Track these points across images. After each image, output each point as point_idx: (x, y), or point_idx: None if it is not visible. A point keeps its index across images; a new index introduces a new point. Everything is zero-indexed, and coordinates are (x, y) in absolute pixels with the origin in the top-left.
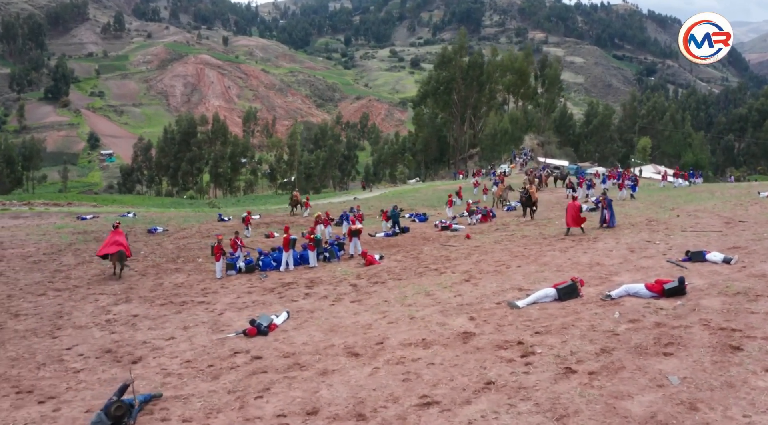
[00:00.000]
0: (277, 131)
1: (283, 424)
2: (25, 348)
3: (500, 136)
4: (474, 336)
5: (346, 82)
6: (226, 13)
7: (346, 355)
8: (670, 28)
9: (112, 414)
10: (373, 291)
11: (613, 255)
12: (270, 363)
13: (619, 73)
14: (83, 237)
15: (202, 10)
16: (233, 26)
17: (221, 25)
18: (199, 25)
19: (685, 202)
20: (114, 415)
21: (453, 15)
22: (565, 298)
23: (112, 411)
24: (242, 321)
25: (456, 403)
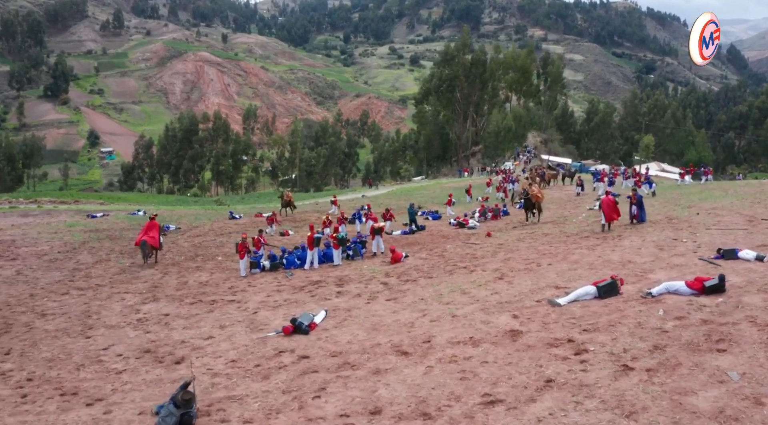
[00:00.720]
0: (277, 129)
1: (348, 424)
2: (60, 348)
3: (504, 134)
4: (522, 334)
5: (346, 80)
6: (225, 11)
7: (396, 354)
8: (669, 25)
9: (181, 401)
10: (406, 290)
11: (643, 253)
12: (319, 363)
13: (619, 70)
14: (96, 235)
15: (201, 8)
16: (232, 23)
17: (220, 22)
18: (198, 23)
19: (700, 200)
20: (183, 400)
21: (452, 12)
22: (605, 296)
23: (180, 398)
24: (279, 320)
25: (520, 401)
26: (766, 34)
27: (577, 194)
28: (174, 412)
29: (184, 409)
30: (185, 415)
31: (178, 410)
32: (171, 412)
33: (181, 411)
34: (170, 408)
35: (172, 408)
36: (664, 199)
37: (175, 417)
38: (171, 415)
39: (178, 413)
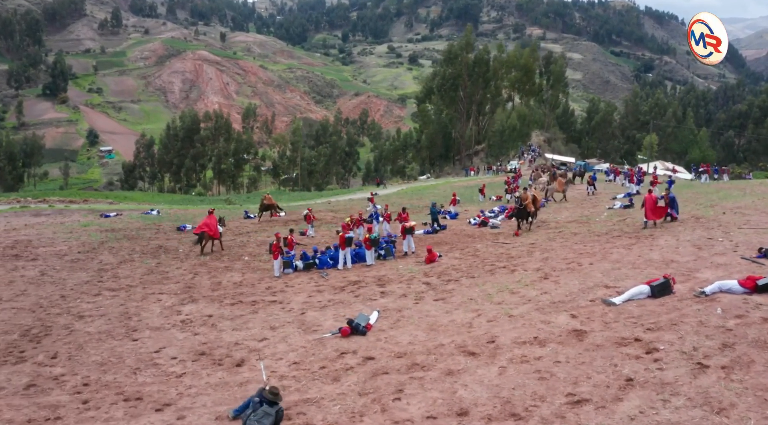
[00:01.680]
0: (277, 127)
1: None
2: (108, 351)
3: (508, 133)
4: (586, 333)
5: (345, 79)
6: (223, 9)
7: (463, 355)
8: (668, 24)
9: (271, 396)
10: (451, 290)
11: (681, 252)
12: (386, 364)
13: (617, 69)
14: (113, 235)
15: (199, 6)
16: (230, 22)
17: (218, 21)
18: (196, 21)
19: (719, 199)
20: (272, 394)
21: (450, 11)
22: (659, 295)
23: (269, 393)
24: (329, 320)
25: (607, 400)
26: (764, 32)
27: (590, 193)
28: (269, 411)
29: (276, 405)
30: (279, 410)
31: (273, 407)
32: (267, 412)
33: (275, 407)
34: (265, 408)
35: (266, 408)
36: (681, 198)
37: (272, 416)
38: (267, 415)
39: (273, 410)
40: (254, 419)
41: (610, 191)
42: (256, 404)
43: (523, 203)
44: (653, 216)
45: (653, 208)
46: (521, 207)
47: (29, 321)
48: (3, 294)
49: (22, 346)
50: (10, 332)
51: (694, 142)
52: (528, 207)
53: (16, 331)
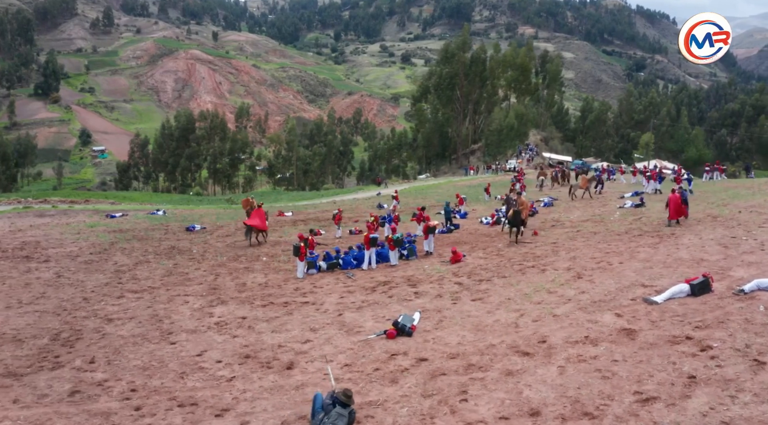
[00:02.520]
0: (270, 127)
1: None
2: (148, 355)
3: (506, 132)
4: (636, 332)
5: (337, 78)
6: (215, 8)
7: (518, 355)
8: (659, 23)
9: (345, 398)
10: (485, 290)
11: (709, 250)
12: (442, 365)
13: (609, 68)
14: (122, 236)
15: (191, 5)
16: (222, 21)
17: (210, 20)
18: (188, 20)
19: (730, 198)
20: (347, 396)
21: (443, 10)
22: (699, 294)
23: (343, 395)
24: (369, 321)
25: (675, 398)
26: (755, 31)
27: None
28: (343, 413)
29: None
30: (352, 413)
31: (346, 408)
32: (340, 414)
33: (348, 409)
34: (338, 410)
35: (340, 410)
36: (691, 197)
37: (345, 418)
38: (341, 417)
39: (346, 412)
40: (328, 421)
41: (614, 190)
42: (328, 406)
43: (520, 208)
44: (677, 216)
45: (678, 208)
46: (517, 211)
47: (56, 325)
48: (22, 296)
49: (55, 351)
50: (39, 336)
51: (689, 141)
52: (523, 213)
53: (45, 335)
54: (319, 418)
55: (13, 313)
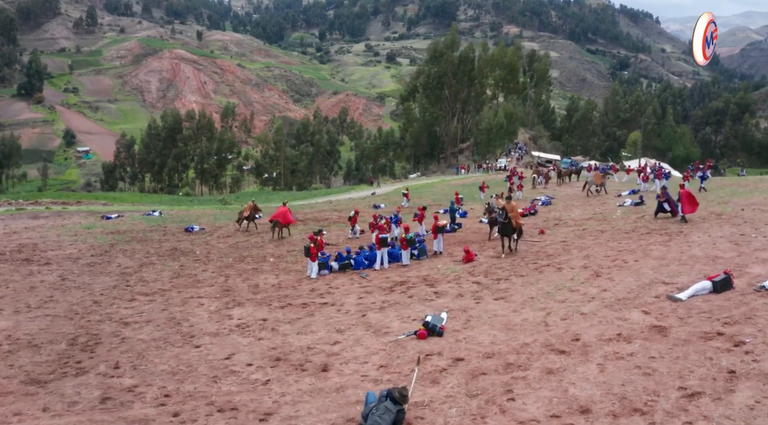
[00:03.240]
0: (256, 126)
1: (567, 424)
2: (174, 359)
3: (495, 131)
4: (667, 329)
5: (323, 77)
6: (199, 8)
7: (554, 353)
8: (642, 22)
9: (399, 396)
10: (506, 289)
11: (721, 248)
12: (480, 365)
13: (593, 67)
14: (121, 237)
15: (175, 5)
16: (206, 21)
17: (194, 19)
18: (172, 20)
19: (728, 195)
20: (401, 395)
21: (428, 9)
22: (721, 290)
23: (398, 393)
24: (395, 322)
25: (719, 392)
26: (737, 30)
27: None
28: (391, 408)
29: (399, 405)
30: (401, 411)
31: (396, 406)
32: (388, 409)
33: (397, 407)
34: (387, 404)
35: (389, 404)
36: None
37: (392, 414)
38: (388, 412)
39: (395, 409)
40: (376, 413)
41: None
42: (382, 397)
43: (509, 215)
44: (690, 210)
45: (690, 202)
46: (506, 221)
47: (71, 329)
48: (30, 300)
49: (76, 356)
50: (56, 341)
51: (676, 139)
52: (514, 220)
53: (61, 340)
54: (369, 407)
55: (23, 318)
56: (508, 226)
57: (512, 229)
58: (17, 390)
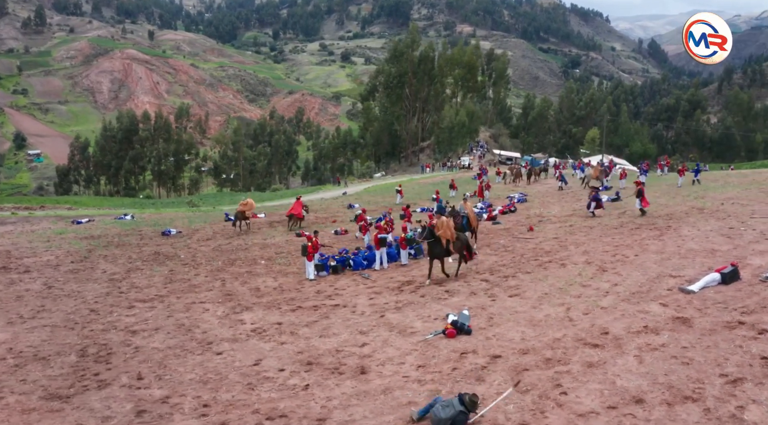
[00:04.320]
0: (211, 127)
1: (625, 414)
2: (199, 367)
3: (457, 129)
4: (689, 320)
5: (277, 77)
6: (150, 7)
7: (588, 347)
8: (593, 21)
9: (468, 401)
10: (516, 286)
11: (714, 241)
12: (519, 361)
13: (545, 65)
14: (97, 242)
15: (125, 4)
16: (158, 20)
17: (145, 19)
18: (122, 19)
19: (702, 190)
20: (471, 401)
21: (381, 9)
22: (729, 282)
23: (467, 398)
24: (417, 321)
25: (759, 377)
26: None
27: (560, 188)
28: (455, 406)
29: (465, 409)
30: (461, 414)
31: (461, 406)
32: (453, 405)
33: (460, 409)
34: (454, 401)
35: (456, 402)
36: (660, 191)
37: (454, 411)
38: (452, 408)
39: (457, 410)
40: (440, 405)
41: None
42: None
43: (436, 233)
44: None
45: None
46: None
47: (75, 340)
48: (20, 310)
49: (91, 368)
50: (64, 353)
51: (632, 136)
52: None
53: (70, 352)
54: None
55: (19, 329)
56: (436, 246)
57: (443, 250)
58: (40, 407)
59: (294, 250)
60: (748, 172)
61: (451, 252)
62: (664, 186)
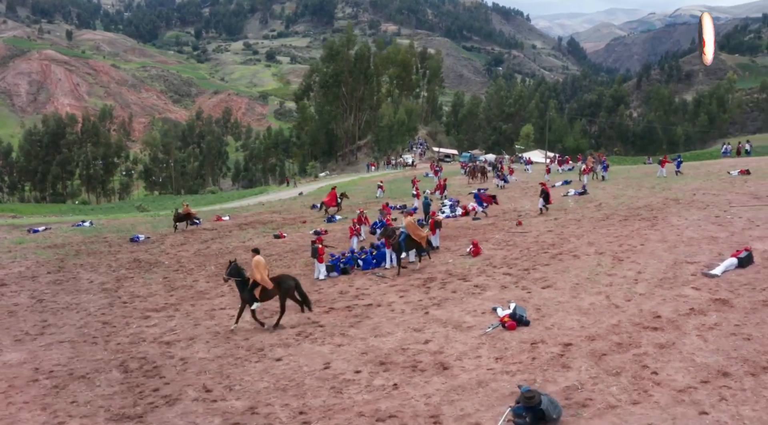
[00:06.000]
0: (135, 129)
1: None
2: (266, 374)
3: (397, 127)
4: (728, 301)
5: (202, 77)
6: (67, 6)
7: (649, 330)
8: (514, 20)
9: (524, 400)
10: (541, 278)
11: (709, 229)
12: (593, 347)
13: (470, 63)
14: (64, 251)
15: (41, 3)
16: (75, 20)
17: (62, 18)
18: (39, 19)
19: (666, 182)
20: (526, 398)
21: (306, 7)
22: (745, 265)
23: (522, 397)
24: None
25: None
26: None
27: (501, 187)
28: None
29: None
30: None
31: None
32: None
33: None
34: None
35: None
36: (624, 183)
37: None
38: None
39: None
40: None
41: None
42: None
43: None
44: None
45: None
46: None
47: (106, 355)
48: (23, 327)
49: (146, 383)
50: (103, 369)
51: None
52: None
53: (109, 368)
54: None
55: (33, 347)
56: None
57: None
58: None
59: (282, 252)
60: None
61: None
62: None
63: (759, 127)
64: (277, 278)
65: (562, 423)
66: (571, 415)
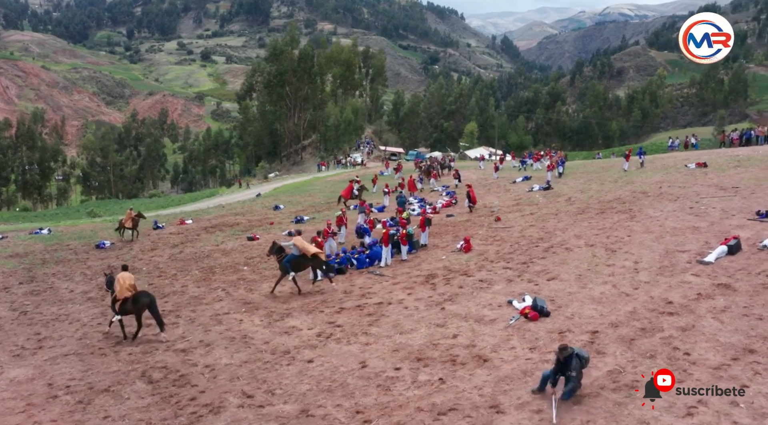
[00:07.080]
0: (68, 132)
1: (750, 362)
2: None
3: (344, 126)
4: (730, 285)
5: (135, 77)
6: None
7: (665, 315)
8: (449, 18)
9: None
10: (540, 271)
11: (687, 219)
12: (620, 333)
13: (406, 62)
14: (29, 260)
15: None
16: (2, 20)
17: None
18: None
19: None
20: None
21: (240, 6)
22: (735, 252)
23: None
24: (484, 310)
25: None
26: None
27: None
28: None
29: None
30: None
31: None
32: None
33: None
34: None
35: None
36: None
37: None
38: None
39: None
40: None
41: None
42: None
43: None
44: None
45: None
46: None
47: (122, 366)
48: (15, 341)
49: (180, 393)
50: (125, 382)
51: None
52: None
53: (131, 380)
54: None
55: (37, 361)
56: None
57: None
58: None
59: (263, 254)
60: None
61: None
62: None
63: (689, 121)
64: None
65: (621, 403)
66: (625, 397)
